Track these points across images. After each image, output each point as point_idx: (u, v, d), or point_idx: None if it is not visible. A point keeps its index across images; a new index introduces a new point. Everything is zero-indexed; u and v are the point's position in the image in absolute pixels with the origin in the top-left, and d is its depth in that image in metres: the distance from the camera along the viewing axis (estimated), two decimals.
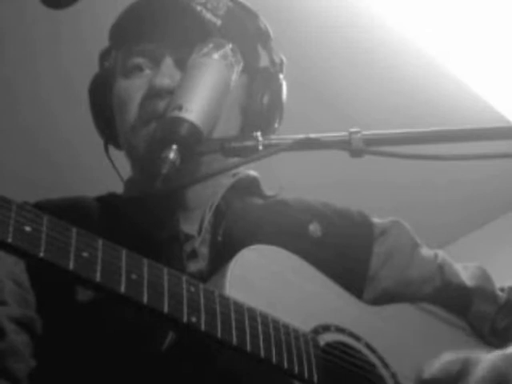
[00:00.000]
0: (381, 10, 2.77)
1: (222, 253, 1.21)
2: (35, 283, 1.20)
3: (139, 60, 1.36)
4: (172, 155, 1.19)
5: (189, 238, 1.28)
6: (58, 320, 1.18)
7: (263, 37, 1.45)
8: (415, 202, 3.34)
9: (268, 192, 1.44)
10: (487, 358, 1.16)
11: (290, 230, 1.32)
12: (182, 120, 1.22)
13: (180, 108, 1.23)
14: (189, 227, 1.30)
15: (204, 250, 1.27)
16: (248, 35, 1.42)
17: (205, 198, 1.34)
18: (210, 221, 1.30)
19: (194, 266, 1.24)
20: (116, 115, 1.39)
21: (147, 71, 1.35)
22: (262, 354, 1.04)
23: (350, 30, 2.81)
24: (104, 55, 1.45)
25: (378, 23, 2.80)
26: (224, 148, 1.25)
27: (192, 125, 1.22)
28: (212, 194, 1.34)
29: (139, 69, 1.36)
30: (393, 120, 2.82)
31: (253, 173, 1.43)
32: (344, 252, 1.34)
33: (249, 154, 1.24)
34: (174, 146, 1.20)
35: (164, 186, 1.18)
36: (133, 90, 1.35)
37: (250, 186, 1.42)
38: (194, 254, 1.26)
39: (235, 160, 1.27)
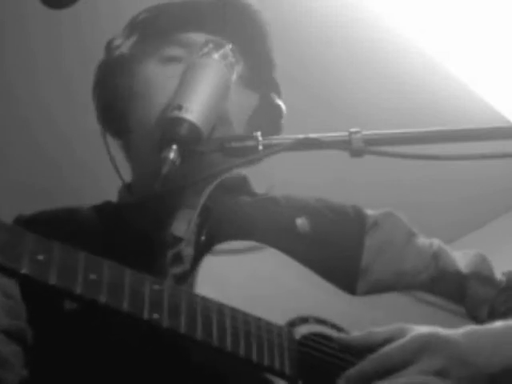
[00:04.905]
0: (381, 10, 2.77)
1: (205, 252, 1.20)
2: (25, 294, 1.19)
3: (178, 51, 1.37)
4: (172, 155, 1.19)
5: (177, 240, 1.27)
6: (48, 329, 1.18)
7: (273, 63, 1.48)
8: (415, 202, 3.34)
9: (258, 190, 1.43)
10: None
11: (276, 225, 1.32)
12: (181, 120, 1.22)
13: (180, 108, 1.23)
14: (181, 228, 1.30)
15: (188, 251, 1.26)
16: (266, 57, 1.44)
17: (195, 198, 1.33)
18: (195, 221, 1.30)
19: (176, 269, 1.23)
20: (139, 98, 1.37)
21: (186, 62, 1.35)
22: (229, 347, 1.04)
23: (350, 29, 2.81)
24: (114, 41, 1.43)
25: (378, 23, 2.80)
26: (224, 148, 1.25)
27: (192, 125, 1.22)
28: (201, 194, 1.34)
29: (177, 58, 1.37)
30: (393, 120, 2.82)
31: (241, 172, 1.43)
32: (334, 246, 1.33)
33: (249, 153, 1.24)
34: (174, 146, 1.20)
35: (164, 186, 1.18)
36: (168, 76, 1.34)
37: (238, 185, 1.41)
38: (178, 258, 1.25)
39: (235, 160, 1.27)
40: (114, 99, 1.41)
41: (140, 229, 1.28)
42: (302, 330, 1.14)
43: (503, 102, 3.04)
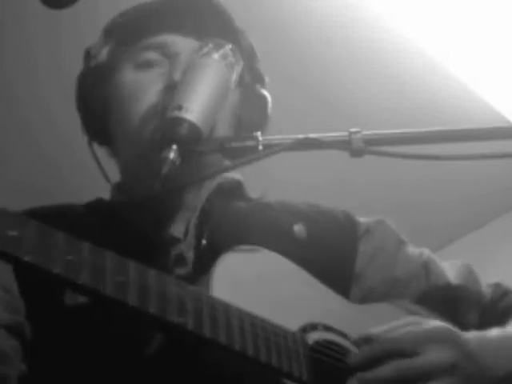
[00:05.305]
0: (381, 10, 2.77)
1: (207, 256, 1.21)
2: (24, 290, 1.19)
3: (152, 54, 1.37)
4: (172, 155, 1.19)
5: (176, 240, 1.28)
6: (48, 325, 1.18)
7: (253, 54, 1.47)
8: (415, 202, 3.34)
9: (252, 195, 1.44)
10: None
11: (274, 231, 1.32)
12: (181, 120, 1.21)
13: (180, 108, 1.22)
14: (179, 228, 1.30)
15: (190, 254, 1.26)
16: (244, 51, 1.44)
17: (192, 200, 1.34)
18: (194, 224, 1.30)
19: (180, 270, 1.23)
20: (118, 107, 1.38)
21: (161, 66, 1.36)
22: (251, 352, 1.04)
23: (350, 29, 2.81)
24: (91, 51, 1.44)
25: (378, 23, 2.80)
26: (224, 148, 1.25)
27: (192, 125, 1.22)
28: (198, 196, 1.34)
29: (153, 63, 1.36)
30: (393, 120, 2.82)
31: (237, 176, 1.43)
32: (329, 252, 1.33)
33: (249, 153, 1.24)
34: (174, 146, 1.20)
35: (164, 186, 1.18)
36: (145, 82, 1.35)
37: (233, 189, 1.41)
38: (181, 259, 1.25)
39: (235, 160, 1.27)
40: (95, 110, 1.42)
41: (139, 228, 1.28)
42: (313, 337, 1.15)
43: (503, 101, 3.04)
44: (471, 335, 1.15)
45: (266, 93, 1.47)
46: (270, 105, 1.46)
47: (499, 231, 3.54)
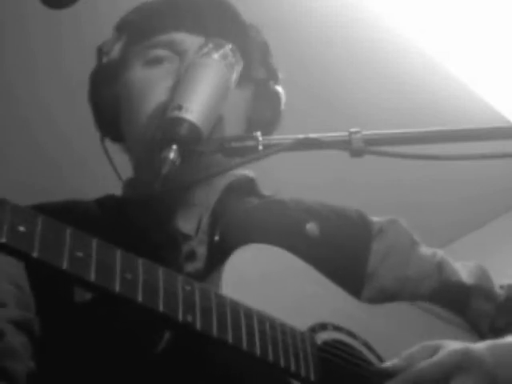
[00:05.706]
0: (381, 10, 2.77)
1: (219, 252, 1.21)
2: (34, 286, 1.20)
3: (162, 51, 1.37)
4: (172, 155, 1.19)
5: (186, 237, 1.28)
6: (57, 322, 1.18)
7: (266, 50, 1.47)
8: (415, 202, 3.34)
9: (265, 192, 1.44)
10: (454, 346, 1.14)
11: (286, 229, 1.32)
12: (181, 120, 1.22)
13: (180, 108, 1.23)
14: (187, 226, 1.30)
15: (202, 250, 1.27)
16: (255, 47, 1.44)
17: (203, 198, 1.34)
18: (207, 223, 1.30)
19: (191, 267, 1.24)
20: (127, 105, 1.39)
21: (171, 62, 1.36)
22: (258, 352, 1.03)
23: (350, 29, 2.82)
24: (104, 48, 1.45)
25: (378, 23, 2.80)
26: (224, 148, 1.25)
27: (192, 125, 1.22)
28: (209, 194, 1.35)
29: (160, 60, 1.37)
30: (393, 120, 2.82)
31: (249, 173, 1.43)
32: (342, 250, 1.33)
33: (249, 153, 1.24)
34: (174, 146, 1.20)
35: (164, 186, 1.18)
36: (154, 79, 1.36)
37: (246, 187, 1.42)
38: (192, 255, 1.26)
39: (235, 160, 1.27)
40: (106, 107, 1.43)
41: (145, 224, 1.29)
42: (322, 337, 1.14)
43: (503, 101, 3.04)
44: (487, 354, 1.15)
45: (279, 89, 1.47)
46: (283, 101, 1.47)
47: (499, 231, 3.54)
